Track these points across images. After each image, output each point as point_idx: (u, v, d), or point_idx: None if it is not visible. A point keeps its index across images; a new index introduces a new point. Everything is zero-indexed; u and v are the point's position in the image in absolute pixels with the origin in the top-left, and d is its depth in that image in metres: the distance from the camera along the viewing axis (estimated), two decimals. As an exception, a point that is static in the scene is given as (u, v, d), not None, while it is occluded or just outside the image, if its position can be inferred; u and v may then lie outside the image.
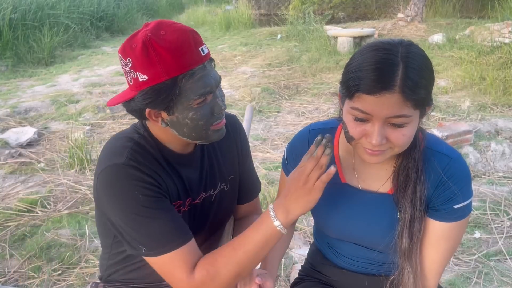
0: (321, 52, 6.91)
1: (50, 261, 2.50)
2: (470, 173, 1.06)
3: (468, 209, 1.05)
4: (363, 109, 0.93)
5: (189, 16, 12.49)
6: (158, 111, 1.04)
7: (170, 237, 1.03)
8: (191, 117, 1.03)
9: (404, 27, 8.12)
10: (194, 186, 1.17)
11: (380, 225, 1.09)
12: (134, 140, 1.09)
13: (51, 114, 4.96)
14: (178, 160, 1.13)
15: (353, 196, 1.12)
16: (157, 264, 1.05)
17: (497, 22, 6.26)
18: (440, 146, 1.07)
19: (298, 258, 2.41)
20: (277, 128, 4.48)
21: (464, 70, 5.19)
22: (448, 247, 1.07)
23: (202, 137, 1.08)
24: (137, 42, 0.98)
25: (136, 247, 1.04)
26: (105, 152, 1.10)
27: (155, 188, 1.05)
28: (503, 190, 3.03)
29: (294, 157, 1.17)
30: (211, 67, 1.05)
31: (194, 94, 1.00)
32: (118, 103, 1.06)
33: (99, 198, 1.08)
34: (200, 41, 1.02)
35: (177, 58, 0.97)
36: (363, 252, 1.18)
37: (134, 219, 1.02)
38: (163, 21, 1.02)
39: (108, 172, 1.04)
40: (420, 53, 0.94)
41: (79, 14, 9.52)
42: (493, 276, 2.25)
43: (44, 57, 7.45)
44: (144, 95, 1.00)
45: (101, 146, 4.11)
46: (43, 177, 3.49)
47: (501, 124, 3.98)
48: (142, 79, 0.98)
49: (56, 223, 2.85)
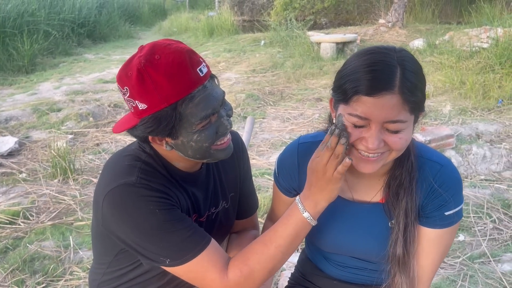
0: (305, 58, 6.96)
1: (34, 274, 2.44)
2: (461, 180, 1.08)
3: (459, 215, 1.06)
4: (362, 114, 0.92)
5: (172, 22, 12.44)
6: (161, 137, 1.03)
7: (192, 243, 1.03)
8: (196, 139, 1.01)
9: (386, 33, 8.25)
10: (200, 204, 1.17)
11: (373, 234, 1.09)
12: (141, 159, 1.08)
13: (32, 123, 4.87)
14: (185, 178, 1.13)
15: (346, 208, 1.12)
16: (184, 272, 1.04)
17: (475, 27, 6.41)
18: (430, 153, 1.09)
19: (286, 265, 2.41)
20: (262, 134, 4.49)
21: (444, 75, 5.29)
22: (439, 252, 1.09)
23: (206, 157, 1.07)
24: (132, 70, 0.96)
25: (158, 260, 1.03)
26: (111, 171, 1.08)
27: (167, 201, 1.04)
28: (485, 193, 3.08)
29: (285, 170, 1.18)
30: (213, 85, 1.02)
31: (195, 119, 0.98)
32: (122, 131, 1.04)
33: (105, 217, 1.05)
34: (197, 60, 0.99)
35: (174, 83, 0.94)
36: (356, 263, 1.18)
37: (153, 234, 1.01)
38: (157, 44, 0.99)
39: (119, 192, 1.02)
40: (413, 58, 0.96)
41: (60, 21, 9.39)
42: (477, 279, 2.29)
43: (25, 65, 7.32)
44: (146, 124, 0.99)
45: (85, 155, 4.06)
46: (25, 187, 3.42)
47: (482, 127, 4.07)
48: (141, 108, 0.97)
49: (39, 235, 2.80)
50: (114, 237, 1.07)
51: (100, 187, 1.07)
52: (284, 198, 1.20)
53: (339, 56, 6.95)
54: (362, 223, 1.11)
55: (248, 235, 1.32)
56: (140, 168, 1.05)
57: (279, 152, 3.70)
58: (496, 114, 4.42)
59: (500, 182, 3.23)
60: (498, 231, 2.68)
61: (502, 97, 4.68)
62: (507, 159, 3.52)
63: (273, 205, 1.27)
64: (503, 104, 4.59)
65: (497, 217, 2.80)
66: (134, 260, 1.12)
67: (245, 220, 1.37)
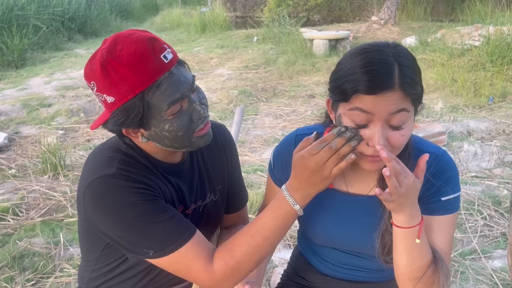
0: (297, 55, 6.95)
1: (23, 271, 2.41)
2: (456, 168, 1.08)
3: (457, 203, 1.06)
4: (364, 108, 0.90)
5: (164, 18, 12.36)
6: (133, 129, 1.01)
7: (175, 234, 1.01)
8: (168, 129, 1.00)
9: (378, 30, 8.27)
10: (185, 196, 1.16)
11: (368, 227, 1.08)
12: (122, 150, 1.07)
13: (22, 119, 4.82)
14: (167, 170, 1.11)
15: (342, 201, 1.12)
16: (169, 264, 1.03)
17: (466, 25, 6.45)
18: (425, 145, 1.09)
19: (279, 262, 2.40)
20: (255, 131, 4.48)
21: (436, 72, 5.32)
22: (444, 240, 1.06)
23: (186, 145, 1.05)
24: (96, 64, 0.95)
25: (142, 252, 1.02)
26: (92, 163, 1.07)
27: (149, 192, 1.03)
28: (476, 190, 3.11)
29: (281, 162, 1.17)
30: (181, 71, 1.00)
31: (164, 105, 0.97)
32: (97, 127, 1.04)
33: (87, 211, 1.04)
34: (161, 47, 0.97)
35: (138, 72, 0.93)
36: (349, 259, 1.18)
37: (134, 226, 1.00)
38: (119, 35, 0.97)
39: (98, 184, 1.01)
40: (408, 52, 0.96)
41: (50, 15, 9.28)
42: (468, 275, 2.30)
43: (14, 60, 7.23)
44: (115, 117, 0.98)
45: (75, 151, 4.02)
46: (15, 183, 3.38)
47: (473, 125, 4.10)
48: (110, 101, 0.97)
49: (29, 231, 2.76)
50: (97, 232, 1.06)
51: (81, 180, 1.06)
52: (277, 190, 1.19)
53: (332, 53, 6.96)
54: (359, 215, 1.10)
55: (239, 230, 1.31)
56: (120, 159, 1.04)
57: (271, 149, 3.68)
58: (487, 111, 4.45)
59: (491, 179, 3.25)
60: (489, 228, 2.70)
61: (493, 94, 4.72)
62: (498, 156, 3.54)
63: (266, 197, 1.26)
64: (494, 101, 4.62)
65: (488, 214, 2.82)
66: (120, 255, 1.11)
67: (235, 214, 1.36)
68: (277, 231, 1.01)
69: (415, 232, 0.98)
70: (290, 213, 1.00)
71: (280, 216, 1.01)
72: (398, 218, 0.97)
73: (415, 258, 1.00)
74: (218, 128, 1.26)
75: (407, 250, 0.99)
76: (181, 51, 7.82)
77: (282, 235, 1.04)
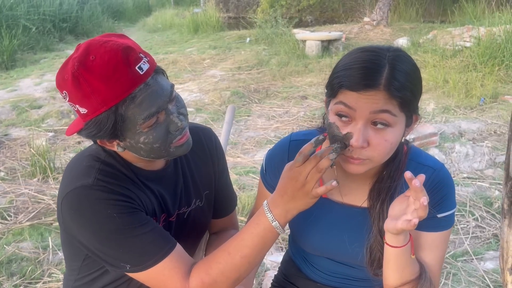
0: (290, 56, 6.94)
1: (11, 276, 2.37)
2: (453, 184, 1.05)
3: (451, 220, 1.04)
4: (347, 103, 0.90)
5: (156, 18, 12.29)
6: (108, 140, 0.98)
7: (153, 249, 0.98)
8: (143, 141, 0.96)
9: (370, 31, 8.29)
10: (168, 203, 1.12)
11: (360, 239, 1.06)
12: (101, 159, 1.03)
13: (11, 120, 4.76)
14: (148, 177, 1.08)
15: (335, 211, 1.09)
16: (146, 279, 1.00)
17: (458, 26, 6.48)
18: (423, 158, 1.06)
19: (270, 265, 2.39)
20: (247, 132, 4.46)
21: (428, 73, 5.33)
22: (432, 258, 1.05)
23: (164, 156, 1.01)
24: (68, 74, 0.91)
25: (119, 265, 0.99)
26: (69, 172, 1.04)
27: (128, 204, 0.99)
28: (468, 191, 3.11)
29: (273, 167, 1.14)
30: (158, 81, 0.95)
31: (139, 119, 0.92)
32: (72, 134, 1.01)
33: (65, 222, 1.01)
34: (136, 58, 0.91)
35: (111, 86, 0.89)
36: (340, 268, 1.16)
37: (112, 239, 0.97)
38: (92, 42, 0.92)
39: (75, 195, 0.98)
40: (409, 60, 0.94)
41: (40, 15, 9.19)
42: (460, 277, 2.30)
43: (4, 61, 7.15)
44: (88, 129, 0.94)
45: (65, 153, 3.97)
46: (3, 186, 3.33)
47: (464, 126, 4.11)
48: (83, 112, 0.93)
49: (17, 236, 2.72)
50: (76, 242, 1.03)
51: (60, 190, 1.03)
52: (269, 195, 1.17)
53: (324, 54, 6.95)
54: (349, 227, 1.08)
55: (227, 235, 1.27)
56: (98, 169, 1.00)
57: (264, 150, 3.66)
58: (478, 112, 4.47)
59: (483, 180, 3.26)
60: (481, 229, 2.70)
61: (484, 95, 4.73)
62: (489, 157, 3.55)
63: (257, 202, 1.23)
64: (485, 102, 4.64)
65: (480, 215, 2.82)
66: (101, 265, 1.08)
67: (224, 219, 1.33)
68: (256, 249, 0.97)
69: (408, 249, 0.96)
70: (268, 231, 0.95)
71: (259, 233, 0.96)
72: (396, 238, 0.94)
73: (407, 274, 0.99)
74: (203, 132, 1.23)
75: (400, 268, 0.98)
76: (174, 52, 7.79)
77: (263, 254, 0.99)
